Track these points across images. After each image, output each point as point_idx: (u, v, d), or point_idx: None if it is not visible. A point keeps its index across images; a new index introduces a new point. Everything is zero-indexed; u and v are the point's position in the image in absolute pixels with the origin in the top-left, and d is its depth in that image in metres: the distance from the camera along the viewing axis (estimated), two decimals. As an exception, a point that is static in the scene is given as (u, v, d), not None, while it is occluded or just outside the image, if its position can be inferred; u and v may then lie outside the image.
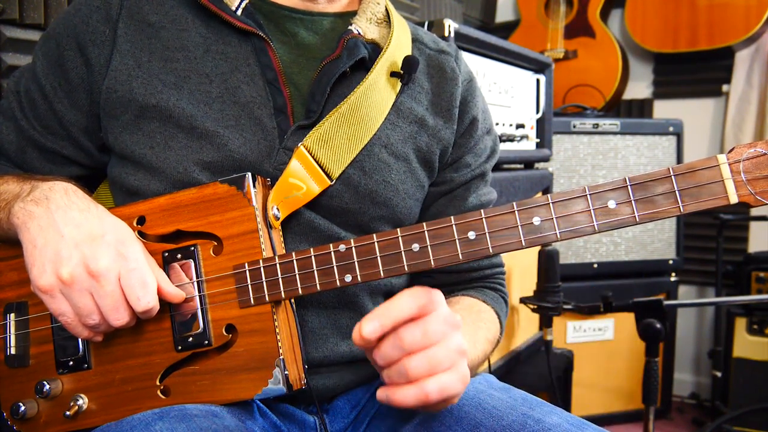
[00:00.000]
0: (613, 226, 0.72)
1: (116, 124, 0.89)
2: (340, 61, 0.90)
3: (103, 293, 0.75)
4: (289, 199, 0.85)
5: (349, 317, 0.93)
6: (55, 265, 0.75)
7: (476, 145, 1.04)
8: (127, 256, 0.77)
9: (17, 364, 0.88)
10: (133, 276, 0.76)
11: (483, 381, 0.94)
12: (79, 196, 0.81)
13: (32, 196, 0.80)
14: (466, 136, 1.02)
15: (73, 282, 0.74)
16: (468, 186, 1.03)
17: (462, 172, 1.03)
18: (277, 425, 0.89)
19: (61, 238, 0.76)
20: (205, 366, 0.82)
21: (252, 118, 0.87)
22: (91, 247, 0.75)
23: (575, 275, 2.51)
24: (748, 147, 0.69)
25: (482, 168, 1.06)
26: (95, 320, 0.77)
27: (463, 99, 1.02)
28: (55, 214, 0.77)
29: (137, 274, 0.76)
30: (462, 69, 1.04)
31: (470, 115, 1.02)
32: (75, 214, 0.78)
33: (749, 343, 2.48)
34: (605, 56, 2.94)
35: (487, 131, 1.06)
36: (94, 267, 0.74)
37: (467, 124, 1.02)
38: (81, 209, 0.79)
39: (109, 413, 0.84)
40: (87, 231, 0.77)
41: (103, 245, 0.76)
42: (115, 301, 0.76)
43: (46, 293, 0.76)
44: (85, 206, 0.80)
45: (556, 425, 0.80)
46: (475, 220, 0.75)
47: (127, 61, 0.88)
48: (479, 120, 1.04)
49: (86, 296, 0.76)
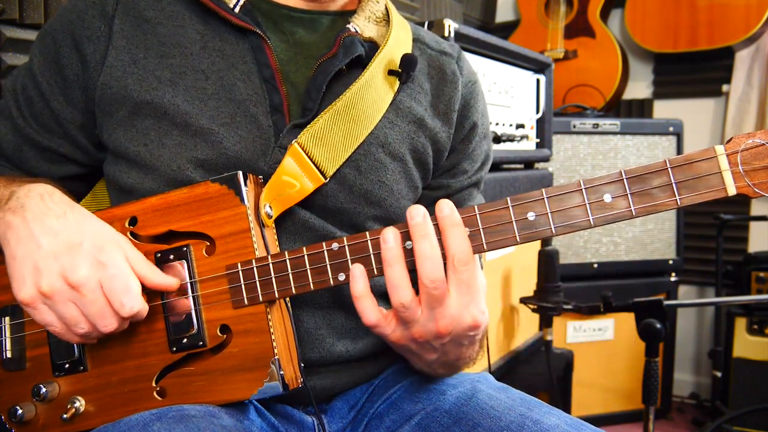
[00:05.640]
0: (609, 220, 0.71)
1: (111, 121, 0.88)
2: (337, 59, 0.89)
3: (86, 302, 0.75)
4: (282, 196, 0.84)
5: (344, 317, 0.92)
6: (35, 277, 0.74)
7: (473, 151, 1.03)
8: (106, 263, 0.75)
9: (14, 368, 0.88)
10: (115, 282, 0.75)
11: (481, 381, 0.94)
12: (56, 201, 0.80)
13: (9, 204, 0.80)
14: (465, 142, 1.02)
15: (54, 294, 0.74)
16: (463, 195, 1.03)
17: (459, 178, 1.02)
18: (276, 426, 0.89)
19: (38, 249, 0.75)
20: (200, 367, 0.81)
21: (247, 116, 0.87)
22: (70, 257, 0.75)
23: (575, 275, 2.51)
24: (747, 137, 0.68)
25: (478, 176, 1.05)
26: (84, 329, 0.77)
27: (464, 103, 1.01)
28: (32, 224, 0.76)
29: (118, 280, 0.75)
30: (464, 72, 1.03)
31: (471, 120, 1.01)
32: (52, 222, 0.77)
33: (749, 343, 2.47)
34: (605, 56, 2.93)
35: (484, 136, 1.06)
36: (72, 278, 0.74)
37: (467, 129, 1.01)
38: (58, 215, 0.78)
39: (106, 415, 0.84)
40: (65, 240, 0.76)
41: (80, 254, 0.75)
42: (99, 309, 0.75)
43: (29, 306, 0.76)
44: (61, 211, 0.79)
45: (554, 426, 0.79)
46: (469, 216, 0.74)
47: (123, 57, 0.87)
48: (479, 125, 1.03)
49: (70, 306, 0.75)
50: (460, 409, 0.86)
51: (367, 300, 0.75)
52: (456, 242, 0.73)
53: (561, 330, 2.54)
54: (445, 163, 1.01)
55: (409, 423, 0.89)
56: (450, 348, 0.80)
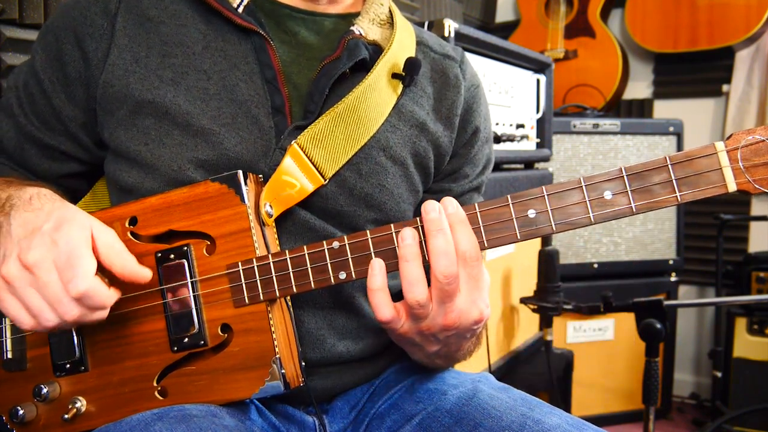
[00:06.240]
0: (610, 217, 0.71)
1: (112, 119, 0.88)
2: (340, 62, 0.89)
3: (41, 284, 0.71)
4: (282, 196, 0.84)
5: (345, 318, 0.92)
6: (0, 266, 0.73)
7: (475, 155, 1.03)
8: (58, 240, 0.72)
9: (14, 368, 0.88)
10: (62, 260, 0.71)
11: (482, 381, 0.93)
12: (42, 199, 0.80)
13: (3, 208, 0.79)
14: (467, 147, 1.02)
15: (12, 279, 0.72)
16: (464, 198, 1.03)
17: (460, 182, 1.02)
18: (277, 426, 0.89)
19: (9, 239, 0.74)
20: (201, 366, 0.81)
21: (249, 117, 0.87)
22: (27, 240, 0.73)
23: (575, 275, 2.51)
24: (747, 134, 0.68)
25: (479, 180, 1.05)
26: (51, 318, 0.73)
27: (466, 107, 1.01)
28: (12, 219, 0.76)
29: (65, 257, 0.71)
30: (467, 76, 1.02)
31: (473, 125, 1.01)
32: (28, 215, 0.76)
33: (749, 344, 2.47)
34: (605, 56, 2.93)
35: (486, 140, 1.06)
36: (26, 259, 0.71)
37: (469, 134, 1.01)
38: (35, 209, 0.77)
39: (107, 415, 0.84)
40: (30, 227, 0.74)
41: (38, 236, 0.72)
42: (55, 293, 0.71)
43: None
44: (40, 205, 0.78)
45: (556, 426, 0.79)
46: (470, 214, 0.75)
47: (125, 55, 0.87)
48: (481, 130, 1.03)
49: (31, 292, 0.72)
50: (462, 409, 0.86)
51: (384, 295, 0.75)
52: (465, 238, 0.73)
53: (561, 330, 2.54)
54: (447, 167, 1.01)
55: (410, 423, 0.89)
56: (453, 340, 0.80)
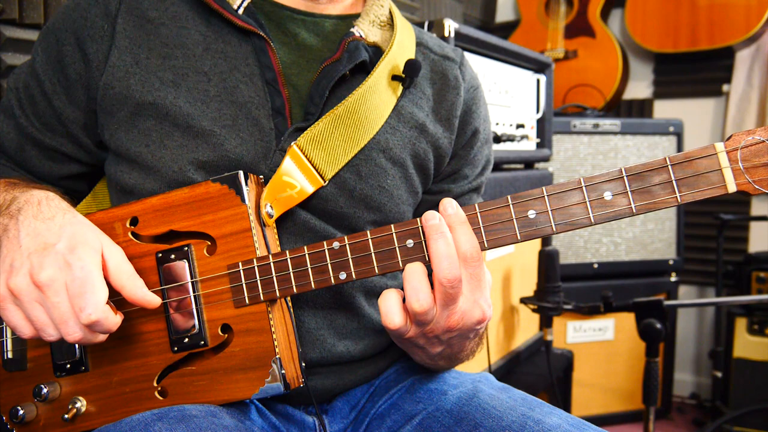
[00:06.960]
0: (610, 217, 0.71)
1: (112, 121, 0.88)
2: (340, 64, 0.89)
3: (50, 304, 0.72)
4: (282, 197, 0.84)
5: (345, 318, 0.93)
6: (7, 275, 0.73)
7: (475, 156, 1.03)
8: (72, 264, 0.72)
9: (15, 368, 0.88)
10: (76, 285, 0.72)
11: (483, 381, 0.93)
12: (52, 206, 0.80)
13: (9, 209, 0.79)
14: (467, 148, 1.02)
15: (20, 293, 0.72)
16: (463, 199, 1.03)
17: (459, 183, 1.02)
18: (277, 426, 0.89)
19: (18, 248, 0.74)
20: (201, 366, 0.81)
21: (249, 119, 0.87)
22: (39, 256, 0.72)
23: (575, 275, 2.51)
24: (747, 134, 0.68)
25: (478, 181, 1.06)
26: (53, 335, 0.74)
27: (466, 109, 1.01)
28: (20, 226, 0.76)
29: (79, 283, 0.71)
30: (466, 77, 1.03)
31: (472, 126, 1.01)
32: (38, 224, 0.76)
33: (749, 344, 2.47)
34: (605, 56, 2.93)
35: (485, 141, 1.06)
36: (38, 277, 0.71)
37: (469, 135, 1.01)
38: (46, 218, 0.77)
39: (107, 415, 0.84)
40: (42, 240, 0.74)
41: (51, 254, 0.72)
42: (62, 314, 0.72)
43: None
44: (51, 215, 0.78)
45: (556, 426, 0.79)
46: (470, 214, 0.75)
47: (125, 57, 0.87)
48: (480, 131, 1.03)
49: (37, 308, 0.73)
50: (462, 409, 0.86)
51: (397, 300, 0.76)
52: (465, 239, 0.73)
53: (561, 330, 2.54)
54: (446, 168, 1.01)
55: (411, 423, 0.89)
56: (456, 341, 0.80)
